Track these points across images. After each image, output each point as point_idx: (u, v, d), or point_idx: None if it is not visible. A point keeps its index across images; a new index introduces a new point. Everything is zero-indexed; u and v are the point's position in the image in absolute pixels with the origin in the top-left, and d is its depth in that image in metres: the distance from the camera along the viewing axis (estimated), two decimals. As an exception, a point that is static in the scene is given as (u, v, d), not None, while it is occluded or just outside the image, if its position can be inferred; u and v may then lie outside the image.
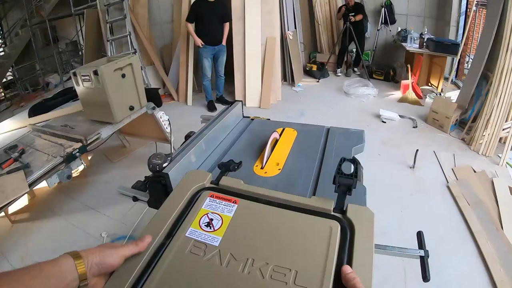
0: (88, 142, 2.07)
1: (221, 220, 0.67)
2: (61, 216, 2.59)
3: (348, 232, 0.64)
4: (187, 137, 1.29)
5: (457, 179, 2.81)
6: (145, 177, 1.02)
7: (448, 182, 2.79)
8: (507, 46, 3.02)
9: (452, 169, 2.95)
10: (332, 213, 0.70)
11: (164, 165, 0.94)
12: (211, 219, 0.68)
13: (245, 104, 4.52)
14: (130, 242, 0.62)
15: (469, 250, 2.20)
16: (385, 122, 4.07)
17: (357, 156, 1.12)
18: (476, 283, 2.00)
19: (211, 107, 4.44)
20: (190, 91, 4.68)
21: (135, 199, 1.08)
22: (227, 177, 0.85)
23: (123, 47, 4.43)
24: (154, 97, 4.09)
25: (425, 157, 3.19)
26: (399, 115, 4.14)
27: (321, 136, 1.36)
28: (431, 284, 0.92)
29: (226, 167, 0.99)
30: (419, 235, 0.94)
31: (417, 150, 3.04)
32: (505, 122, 3.06)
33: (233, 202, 0.71)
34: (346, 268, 0.57)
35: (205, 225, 0.66)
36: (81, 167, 2.99)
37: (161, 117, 2.61)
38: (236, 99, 4.54)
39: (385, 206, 2.60)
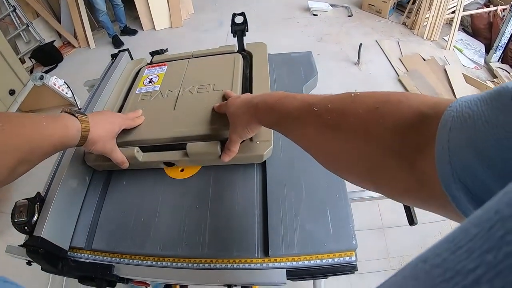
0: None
1: (158, 77, 0.84)
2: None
3: (248, 58, 0.85)
4: None
5: (407, 70, 2.50)
6: (19, 245, 0.66)
7: (398, 75, 2.48)
8: None
9: (400, 59, 2.64)
10: (236, 51, 0.89)
11: (34, 218, 0.62)
12: (151, 78, 0.85)
13: (154, 28, 3.92)
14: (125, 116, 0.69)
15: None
16: (316, 15, 3.56)
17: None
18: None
19: (116, 42, 3.74)
20: (89, 32, 3.89)
21: (29, 263, 0.75)
22: (157, 55, 1.00)
23: (1, 8, 3.38)
24: (51, 53, 3.70)
25: (368, 49, 2.81)
26: (330, 5, 3.65)
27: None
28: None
29: (156, 52, 1.01)
30: None
31: (361, 44, 2.63)
32: (451, 1, 2.70)
33: (164, 64, 0.88)
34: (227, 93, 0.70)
35: (147, 82, 0.83)
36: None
37: (55, 84, 2.24)
38: (142, 24, 3.94)
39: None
